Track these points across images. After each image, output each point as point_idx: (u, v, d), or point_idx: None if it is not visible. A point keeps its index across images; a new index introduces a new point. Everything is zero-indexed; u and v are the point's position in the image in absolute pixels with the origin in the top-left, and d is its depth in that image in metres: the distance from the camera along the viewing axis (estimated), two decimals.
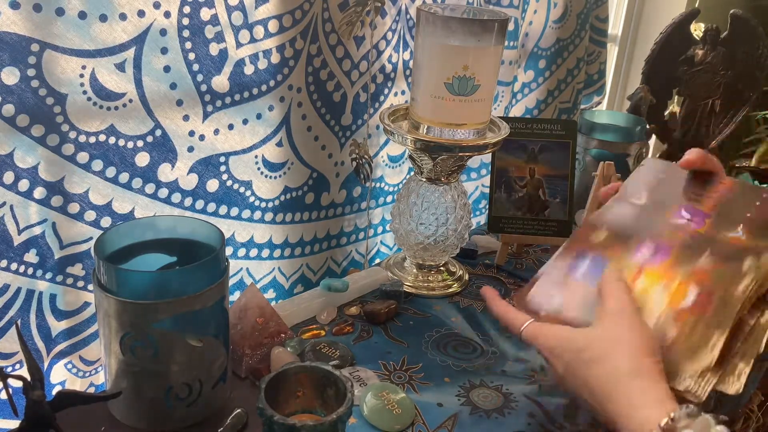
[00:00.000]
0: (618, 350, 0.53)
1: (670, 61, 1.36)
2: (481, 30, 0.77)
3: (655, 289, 0.58)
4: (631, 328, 0.55)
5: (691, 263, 0.59)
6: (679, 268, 0.59)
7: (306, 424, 0.52)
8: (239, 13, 0.77)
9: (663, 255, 0.61)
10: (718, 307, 0.56)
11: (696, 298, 0.57)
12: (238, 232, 0.89)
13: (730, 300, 0.56)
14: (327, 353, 0.75)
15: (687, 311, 0.56)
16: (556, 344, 0.57)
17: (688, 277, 0.58)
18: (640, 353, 0.53)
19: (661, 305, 0.58)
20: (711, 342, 0.54)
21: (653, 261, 0.60)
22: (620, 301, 0.57)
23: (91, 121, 0.70)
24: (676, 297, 0.57)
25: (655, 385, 0.51)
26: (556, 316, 0.61)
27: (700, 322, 0.55)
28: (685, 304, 0.57)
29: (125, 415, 0.63)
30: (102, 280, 0.59)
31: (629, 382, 0.52)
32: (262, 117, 0.84)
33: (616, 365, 0.53)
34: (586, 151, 1.16)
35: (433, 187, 0.89)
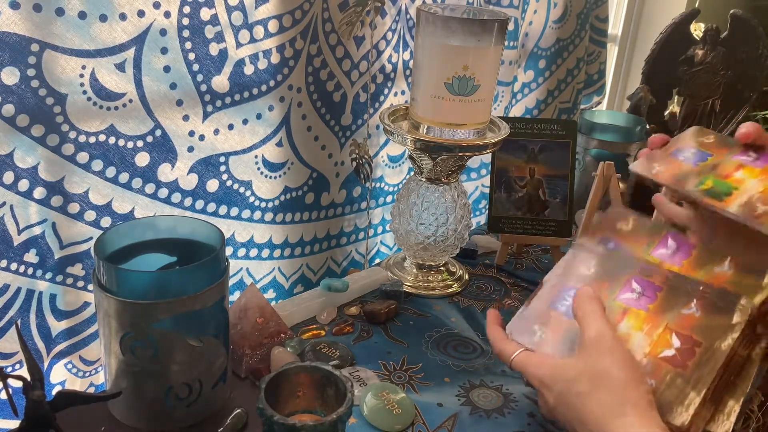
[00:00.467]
0: (603, 385, 0.52)
1: (670, 61, 1.36)
2: (481, 30, 0.77)
3: (637, 335, 0.57)
4: (613, 360, 0.53)
5: (678, 310, 0.57)
6: (665, 314, 0.57)
7: (306, 424, 0.52)
8: (239, 13, 0.77)
9: (649, 298, 0.58)
10: (700, 363, 0.54)
11: (677, 350, 0.55)
12: (238, 232, 0.89)
13: (714, 355, 0.53)
14: (327, 353, 0.75)
15: (666, 362, 0.54)
16: (546, 375, 0.56)
17: (672, 326, 0.56)
18: (627, 387, 0.52)
19: (642, 351, 0.56)
20: (686, 401, 0.52)
21: (639, 303, 0.58)
22: (599, 329, 0.55)
23: (91, 121, 0.70)
24: (658, 345, 0.55)
25: (645, 418, 0.50)
26: (537, 349, 0.60)
27: (678, 377, 0.53)
28: (666, 354, 0.55)
29: (125, 415, 0.63)
30: (102, 280, 0.59)
31: (619, 415, 0.51)
32: (262, 117, 0.84)
33: (604, 402, 0.52)
34: (586, 151, 1.16)
35: (433, 187, 0.89)
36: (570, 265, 0.64)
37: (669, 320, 0.57)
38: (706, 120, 1.37)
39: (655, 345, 0.56)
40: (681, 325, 0.56)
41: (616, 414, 0.51)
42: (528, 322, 0.62)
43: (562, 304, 0.61)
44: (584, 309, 0.57)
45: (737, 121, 1.38)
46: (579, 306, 0.58)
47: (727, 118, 1.39)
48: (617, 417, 0.51)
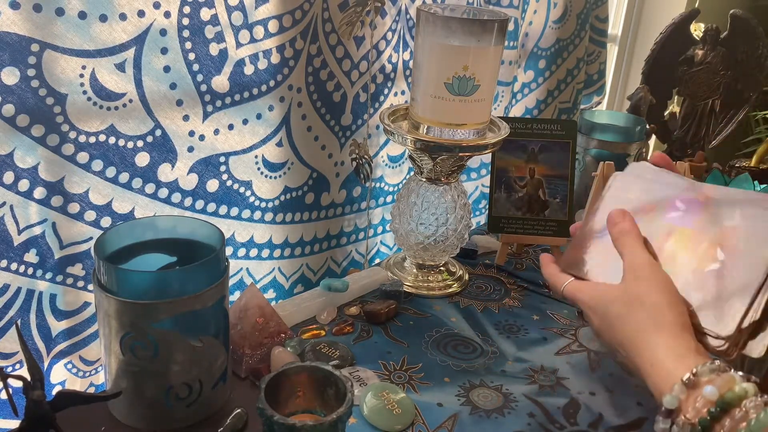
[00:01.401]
0: (637, 307, 0.55)
1: (670, 61, 1.36)
2: (481, 30, 0.77)
3: (683, 252, 0.58)
4: (649, 284, 0.56)
5: (721, 222, 0.58)
6: (709, 229, 0.58)
7: (306, 424, 0.52)
8: (239, 13, 0.77)
9: (694, 213, 0.60)
10: (743, 273, 0.54)
11: (722, 263, 0.56)
12: (238, 232, 0.89)
13: (757, 264, 0.54)
14: (327, 353, 0.75)
15: (713, 276, 0.55)
16: (591, 299, 0.60)
17: (715, 239, 0.57)
18: (661, 308, 0.54)
19: (689, 268, 0.57)
20: (732, 311, 0.53)
21: (683, 221, 0.59)
22: (635, 255, 0.58)
23: (91, 121, 0.70)
24: (703, 261, 0.57)
25: (679, 339, 0.52)
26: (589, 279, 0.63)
27: (724, 289, 0.54)
28: (712, 268, 0.56)
29: (125, 415, 0.63)
30: (102, 280, 0.59)
31: (652, 337, 0.53)
32: (262, 117, 0.84)
33: (639, 321, 0.54)
34: (586, 151, 1.16)
35: (433, 187, 0.89)
36: (614, 194, 0.66)
37: (713, 234, 0.58)
38: (706, 120, 1.37)
39: (701, 260, 0.57)
40: (725, 238, 0.57)
41: (649, 333, 0.53)
42: (578, 252, 0.64)
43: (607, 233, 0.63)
44: (622, 240, 0.60)
45: (737, 120, 1.38)
46: (617, 238, 0.61)
47: (727, 118, 1.39)
48: (649, 336, 0.53)
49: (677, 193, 0.62)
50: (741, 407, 0.46)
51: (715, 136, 1.39)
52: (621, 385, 0.74)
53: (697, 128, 1.38)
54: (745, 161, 1.51)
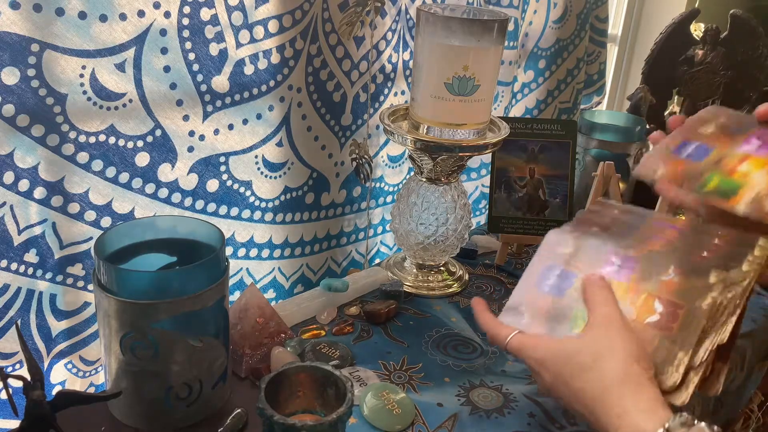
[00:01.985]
0: (607, 357, 0.53)
1: (670, 61, 1.36)
2: (481, 30, 0.77)
3: (622, 304, 0.58)
4: (620, 335, 0.54)
5: (657, 277, 0.58)
6: (646, 283, 0.58)
7: (306, 424, 0.52)
8: (239, 13, 0.77)
9: (629, 270, 0.60)
10: (683, 324, 0.55)
11: (661, 315, 0.56)
12: (238, 232, 0.89)
13: (696, 316, 0.55)
14: (327, 353, 0.75)
15: (652, 327, 0.56)
16: (543, 354, 0.56)
17: (654, 292, 0.58)
18: (630, 359, 0.52)
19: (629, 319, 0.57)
20: (676, 361, 0.53)
21: (619, 276, 0.60)
22: (608, 307, 0.56)
23: (91, 121, 0.70)
24: (643, 312, 0.57)
25: (646, 391, 0.51)
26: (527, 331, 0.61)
27: (665, 339, 0.55)
28: (651, 319, 0.56)
29: (125, 415, 0.63)
30: (102, 280, 0.59)
31: (619, 389, 0.51)
32: (262, 117, 0.84)
33: (606, 372, 0.52)
34: (586, 151, 1.16)
35: (433, 187, 0.89)
36: (549, 247, 0.66)
37: (650, 288, 0.58)
38: None
39: (640, 312, 0.57)
40: (662, 291, 0.57)
41: (616, 386, 0.51)
42: (515, 304, 0.63)
43: (545, 284, 0.63)
44: (595, 296, 0.58)
45: None
46: (589, 292, 0.58)
47: None
48: (617, 389, 0.51)
49: (612, 248, 0.62)
50: None
51: None
52: None
53: None
54: None
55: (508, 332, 0.60)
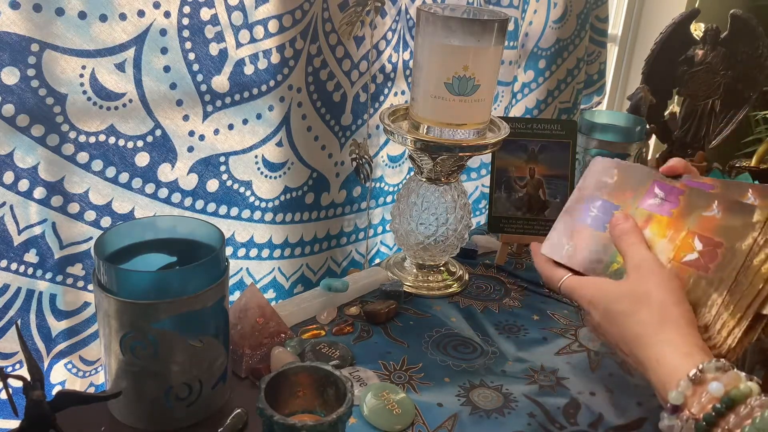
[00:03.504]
0: (646, 304, 0.55)
1: (670, 61, 1.36)
2: (481, 30, 0.77)
3: (661, 241, 0.58)
4: (656, 282, 0.56)
5: (699, 212, 0.58)
6: (687, 218, 0.58)
7: (306, 424, 0.52)
8: (239, 13, 0.77)
9: (671, 203, 0.60)
10: (721, 264, 0.55)
11: (700, 253, 0.56)
12: (238, 232, 0.89)
13: (735, 255, 0.54)
14: (327, 353, 0.75)
15: (690, 266, 0.56)
16: (592, 295, 0.59)
17: (694, 229, 0.57)
18: (667, 306, 0.54)
19: (666, 257, 0.57)
20: (710, 301, 0.54)
21: (662, 209, 0.60)
22: (640, 253, 0.58)
23: (91, 121, 0.70)
24: (681, 250, 0.57)
25: (684, 335, 0.52)
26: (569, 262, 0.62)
27: (702, 278, 0.55)
28: (689, 258, 0.56)
29: (125, 415, 0.63)
30: (102, 280, 0.59)
31: (658, 333, 0.53)
32: (262, 117, 0.84)
33: (645, 318, 0.54)
34: (586, 151, 1.16)
35: (433, 187, 0.89)
36: (592, 176, 0.66)
37: (691, 224, 0.58)
38: (706, 120, 1.37)
39: (679, 250, 0.57)
40: (703, 228, 0.57)
41: (655, 331, 0.53)
42: (558, 237, 0.64)
43: (588, 215, 0.64)
44: (627, 240, 0.60)
45: (737, 120, 1.38)
46: (620, 238, 0.60)
47: (727, 118, 1.39)
48: (656, 333, 0.53)
49: (656, 179, 0.62)
50: (746, 404, 0.46)
51: (715, 136, 1.39)
52: (621, 385, 0.74)
53: (697, 128, 1.38)
54: (745, 161, 1.51)
55: (561, 275, 0.64)
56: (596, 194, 0.64)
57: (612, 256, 0.61)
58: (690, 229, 0.57)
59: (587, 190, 0.65)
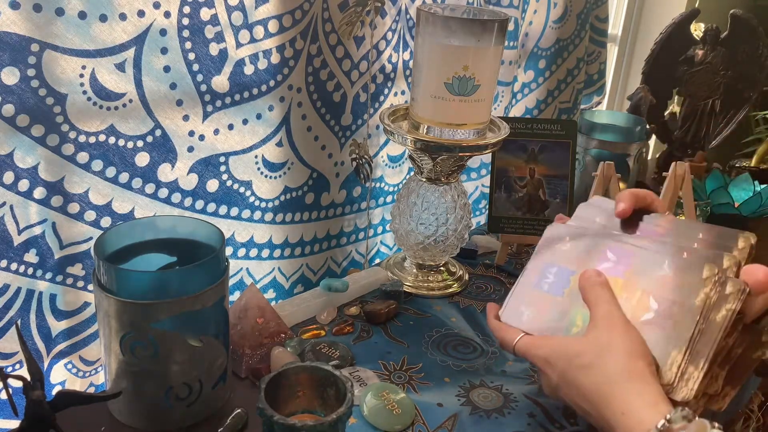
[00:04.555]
0: (611, 354, 0.54)
1: (670, 61, 1.36)
2: (481, 30, 0.77)
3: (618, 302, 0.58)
4: (622, 332, 0.55)
5: (652, 272, 0.58)
6: (640, 278, 0.58)
7: (306, 424, 0.52)
8: (239, 13, 0.77)
9: (624, 265, 0.60)
10: (677, 321, 0.55)
11: (656, 312, 0.56)
12: (238, 232, 0.89)
13: (690, 312, 0.55)
14: (327, 353, 0.75)
15: (648, 325, 0.56)
16: (548, 354, 0.57)
17: (648, 289, 0.58)
18: (633, 356, 0.53)
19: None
20: (670, 359, 0.54)
21: (615, 271, 0.60)
22: (609, 306, 0.57)
23: (91, 121, 0.70)
24: (638, 309, 0.57)
25: (649, 387, 0.52)
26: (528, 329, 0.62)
27: (660, 337, 0.55)
28: (646, 317, 0.56)
29: (125, 415, 0.63)
30: (102, 280, 0.59)
31: (623, 384, 0.52)
32: (262, 117, 0.84)
33: (610, 369, 0.53)
34: (586, 151, 1.16)
35: (433, 187, 0.89)
36: (545, 243, 0.66)
37: (644, 284, 0.58)
38: (706, 120, 1.37)
39: (635, 310, 0.57)
40: (656, 287, 0.57)
41: (620, 382, 0.52)
42: (516, 304, 0.64)
43: (545, 281, 0.63)
44: (594, 293, 0.58)
45: (737, 120, 1.38)
46: (588, 291, 0.59)
47: (727, 118, 1.39)
48: (621, 385, 0.52)
49: (608, 244, 0.62)
50: None
51: (715, 136, 1.40)
52: None
53: (697, 128, 1.38)
54: (745, 161, 1.51)
55: (515, 335, 0.62)
56: (552, 260, 0.64)
57: (571, 320, 0.60)
58: (644, 289, 0.58)
59: (542, 257, 0.65)
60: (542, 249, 0.66)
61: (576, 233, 0.65)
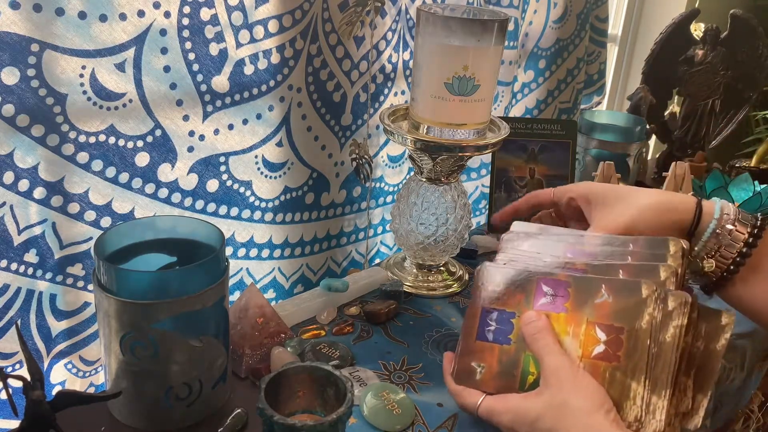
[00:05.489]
0: (567, 416, 0.52)
1: (670, 61, 1.36)
2: (481, 30, 0.77)
3: (565, 339, 0.56)
4: (573, 387, 0.53)
5: (592, 302, 0.56)
6: (582, 309, 0.56)
7: (306, 424, 0.52)
8: (239, 13, 0.77)
9: (563, 297, 0.58)
10: (628, 350, 0.53)
11: (605, 344, 0.54)
12: (238, 232, 0.89)
13: (639, 337, 0.53)
14: (327, 353, 0.75)
15: (600, 359, 0.54)
16: (512, 420, 0.56)
17: (592, 319, 0.55)
18: (590, 412, 0.51)
19: (575, 355, 0.55)
20: (632, 393, 0.52)
21: (555, 306, 0.57)
22: (555, 358, 0.55)
23: (91, 121, 0.70)
24: (587, 344, 0.55)
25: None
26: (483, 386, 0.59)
27: (616, 370, 0.53)
28: (597, 351, 0.54)
29: (125, 415, 0.63)
30: (102, 280, 0.59)
31: None
32: (262, 117, 0.84)
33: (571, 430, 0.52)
34: (586, 151, 1.17)
35: (433, 187, 0.89)
36: (478, 289, 0.63)
37: (588, 314, 0.56)
38: (706, 120, 1.37)
39: (585, 345, 0.55)
40: (600, 316, 0.55)
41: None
42: (465, 362, 0.61)
43: (487, 331, 0.60)
44: (538, 344, 0.56)
45: (737, 120, 1.38)
46: (532, 341, 0.57)
47: (727, 118, 1.39)
48: None
49: (539, 276, 0.60)
50: None
51: (715, 136, 1.40)
52: None
53: (697, 128, 1.38)
54: (745, 161, 1.51)
55: (475, 399, 0.59)
56: (489, 306, 0.61)
57: (525, 368, 0.58)
58: (588, 320, 0.56)
59: (478, 304, 0.62)
60: (477, 292, 0.63)
61: (506, 272, 0.62)
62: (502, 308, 0.61)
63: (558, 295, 0.58)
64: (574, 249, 0.62)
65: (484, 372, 0.60)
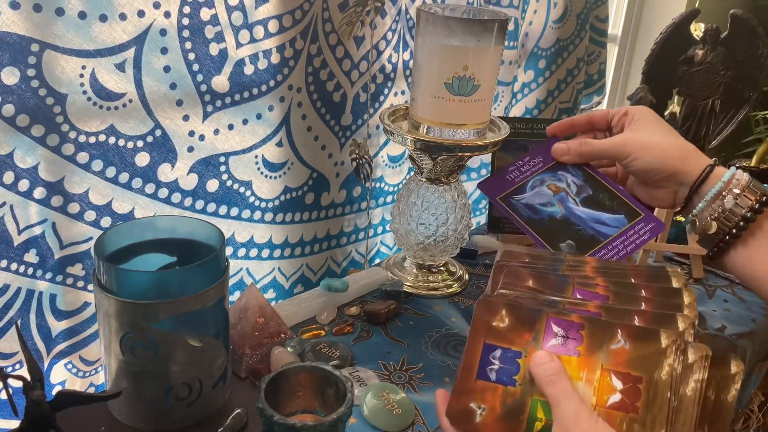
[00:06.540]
0: None
1: (670, 61, 1.36)
2: (481, 30, 0.77)
3: (579, 384, 0.52)
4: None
5: (607, 347, 0.52)
6: (596, 354, 0.52)
7: (306, 424, 0.52)
8: (239, 13, 0.77)
9: (575, 340, 0.53)
10: (647, 402, 0.50)
11: (622, 393, 0.51)
12: (238, 232, 0.89)
13: (658, 388, 0.50)
14: (327, 353, 0.75)
15: (616, 409, 0.50)
16: None
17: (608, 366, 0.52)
18: None
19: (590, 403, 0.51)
20: None
21: (567, 349, 0.53)
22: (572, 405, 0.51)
23: (91, 121, 0.70)
24: (602, 392, 0.51)
25: None
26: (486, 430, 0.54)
27: (634, 422, 0.50)
28: (613, 400, 0.51)
29: (125, 415, 0.63)
30: (102, 280, 0.59)
31: None
32: (262, 117, 0.84)
33: None
34: None
35: (433, 187, 0.89)
36: (479, 322, 0.57)
37: (602, 360, 0.52)
38: (706, 120, 1.37)
39: (600, 393, 0.51)
40: (616, 363, 0.52)
41: None
42: (463, 402, 0.55)
43: (490, 371, 0.55)
44: (552, 388, 0.52)
45: (737, 120, 1.38)
46: (545, 385, 0.52)
47: (727, 118, 1.39)
48: None
49: (549, 314, 0.55)
50: None
51: (715, 136, 1.39)
52: None
53: (697, 128, 1.38)
54: (745, 161, 1.51)
55: None
56: (491, 343, 0.55)
57: (532, 413, 0.53)
58: (603, 366, 0.52)
59: (479, 336, 0.56)
60: (475, 327, 0.57)
61: (512, 305, 0.56)
62: (507, 346, 0.55)
63: (570, 337, 0.54)
64: (582, 291, 0.58)
65: (485, 414, 0.54)
